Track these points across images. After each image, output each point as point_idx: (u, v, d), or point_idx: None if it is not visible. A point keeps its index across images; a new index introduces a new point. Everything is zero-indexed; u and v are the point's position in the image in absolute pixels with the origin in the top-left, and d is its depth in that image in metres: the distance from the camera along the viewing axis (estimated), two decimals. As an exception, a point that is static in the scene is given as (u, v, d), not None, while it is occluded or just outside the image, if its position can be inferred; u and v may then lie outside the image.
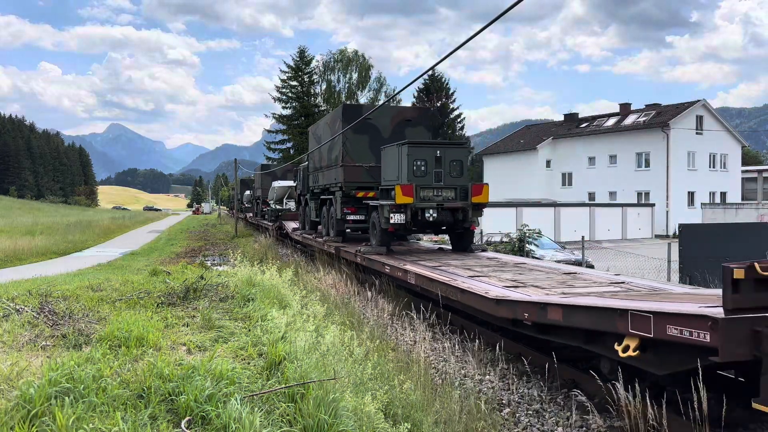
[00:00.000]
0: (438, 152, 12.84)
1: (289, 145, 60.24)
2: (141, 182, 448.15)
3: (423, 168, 12.70)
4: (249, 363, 5.36)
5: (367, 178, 15.30)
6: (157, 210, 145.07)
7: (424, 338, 8.28)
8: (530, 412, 6.13)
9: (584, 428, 5.70)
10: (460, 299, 8.25)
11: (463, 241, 13.83)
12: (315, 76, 62.02)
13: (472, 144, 77.06)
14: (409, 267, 10.64)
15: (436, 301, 9.18)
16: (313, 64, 62.13)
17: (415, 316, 9.03)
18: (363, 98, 61.23)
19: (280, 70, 62.24)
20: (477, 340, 7.93)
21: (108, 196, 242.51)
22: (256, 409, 4.10)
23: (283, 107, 61.51)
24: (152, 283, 10.38)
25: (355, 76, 61.23)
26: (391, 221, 12.61)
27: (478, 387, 6.80)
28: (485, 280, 8.69)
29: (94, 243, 33.06)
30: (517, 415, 6.09)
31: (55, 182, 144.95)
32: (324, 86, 61.89)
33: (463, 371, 7.32)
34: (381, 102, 58.83)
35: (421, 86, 63.92)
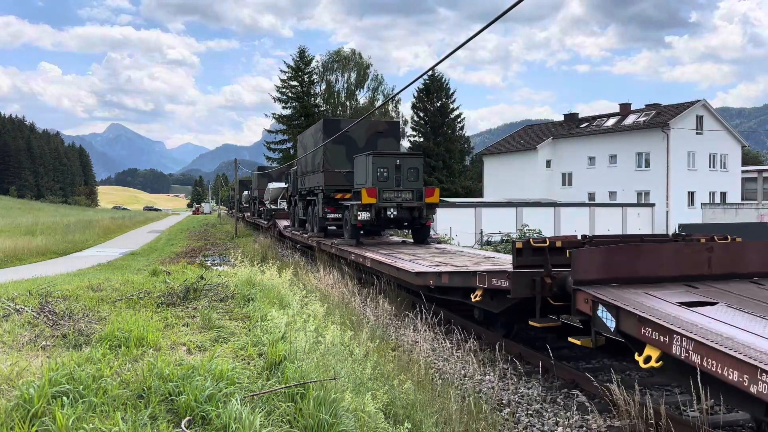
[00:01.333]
0: (398, 161, 14.87)
1: (289, 145, 60.22)
2: (141, 182, 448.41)
3: (385, 174, 14.70)
4: (249, 363, 5.36)
5: (344, 182, 17.10)
6: (157, 210, 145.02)
7: (425, 338, 8.29)
8: (530, 412, 6.13)
9: (584, 428, 5.70)
10: (396, 275, 10.74)
11: (420, 235, 15.85)
12: (315, 77, 62.01)
13: (472, 144, 77.17)
14: (367, 254, 12.76)
15: (386, 280, 11.64)
16: (313, 64, 62.15)
17: (414, 316, 9.05)
18: (362, 98, 61.23)
19: (280, 70, 62.33)
20: (477, 340, 7.97)
21: (108, 196, 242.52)
22: (256, 409, 4.09)
23: (283, 107, 61.54)
24: (152, 283, 10.36)
25: (353, 75, 61.26)
26: (359, 218, 14.68)
27: (478, 387, 6.80)
28: (419, 262, 11.04)
29: (94, 243, 33.05)
30: (517, 415, 6.08)
31: (55, 182, 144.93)
32: (324, 86, 61.88)
33: (463, 371, 7.32)
34: (379, 101, 58.87)
35: (421, 86, 63.93)
